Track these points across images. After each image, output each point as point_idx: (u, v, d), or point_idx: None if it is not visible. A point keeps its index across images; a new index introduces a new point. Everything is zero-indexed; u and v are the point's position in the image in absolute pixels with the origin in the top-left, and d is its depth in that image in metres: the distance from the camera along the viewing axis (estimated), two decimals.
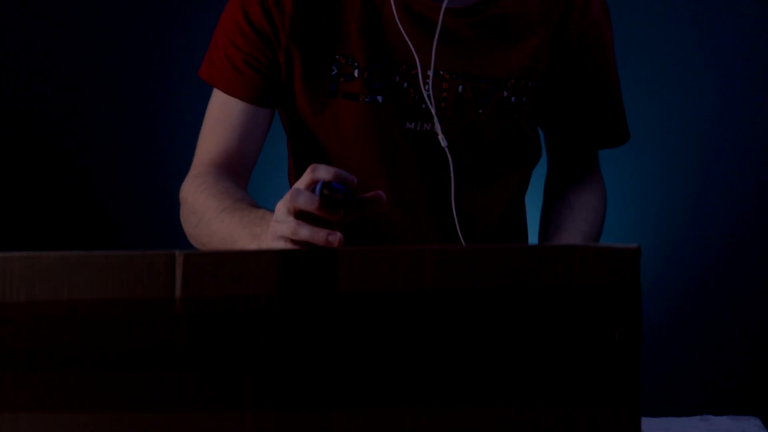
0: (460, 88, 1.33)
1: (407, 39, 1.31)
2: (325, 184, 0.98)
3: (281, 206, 1.04)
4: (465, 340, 0.84)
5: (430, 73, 1.32)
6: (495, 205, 1.42)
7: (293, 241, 1.02)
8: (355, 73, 1.33)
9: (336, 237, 1.00)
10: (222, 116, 1.36)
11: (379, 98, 1.34)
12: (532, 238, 1.57)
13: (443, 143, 1.33)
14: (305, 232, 1.01)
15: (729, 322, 2.55)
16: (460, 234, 1.37)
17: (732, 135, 2.60)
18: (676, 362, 2.57)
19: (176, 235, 1.41)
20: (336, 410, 0.84)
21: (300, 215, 1.02)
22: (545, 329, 0.84)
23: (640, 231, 2.60)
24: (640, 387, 0.83)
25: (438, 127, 1.33)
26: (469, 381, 0.84)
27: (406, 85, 1.33)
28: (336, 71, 1.33)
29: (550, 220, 1.45)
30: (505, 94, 1.35)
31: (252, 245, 1.12)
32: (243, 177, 1.37)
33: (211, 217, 1.22)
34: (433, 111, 1.32)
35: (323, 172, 1.01)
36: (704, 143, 2.60)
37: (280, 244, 1.04)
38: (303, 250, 0.86)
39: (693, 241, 2.58)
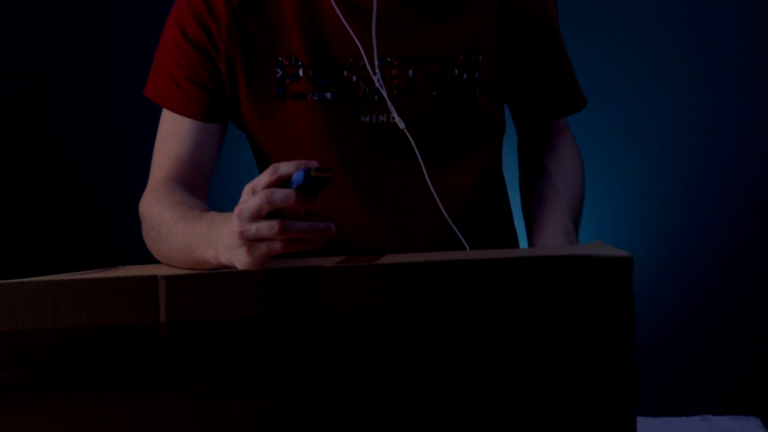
0: (410, 72, 1.31)
1: (350, 30, 1.29)
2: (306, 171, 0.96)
3: (247, 209, 1.00)
4: (455, 357, 0.83)
5: (377, 62, 1.31)
6: (463, 183, 1.38)
7: (273, 244, 0.99)
8: (300, 72, 1.31)
9: (331, 224, 0.98)
10: (171, 133, 1.36)
11: (328, 95, 1.31)
12: (515, 207, 1.55)
13: (401, 125, 1.32)
14: (296, 226, 0.98)
15: (729, 322, 2.54)
16: (443, 210, 1.35)
17: (730, 137, 2.59)
18: (676, 362, 2.56)
19: None
20: (326, 430, 0.83)
21: (272, 216, 0.99)
22: (537, 342, 0.82)
23: (640, 230, 2.59)
24: (635, 398, 0.81)
25: (394, 112, 1.31)
26: (460, 399, 0.82)
27: (355, 78, 1.31)
28: (281, 73, 1.31)
29: (532, 195, 1.41)
30: (456, 71, 1.32)
31: (210, 252, 1.10)
32: (199, 188, 1.37)
33: (168, 230, 1.21)
34: (386, 97, 1.31)
35: (289, 167, 0.99)
36: (702, 145, 2.59)
37: (260, 250, 0.99)
38: (287, 269, 0.85)
39: (694, 240, 2.57)
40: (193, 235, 1.15)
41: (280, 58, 1.31)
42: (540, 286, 0.82)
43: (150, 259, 1.29)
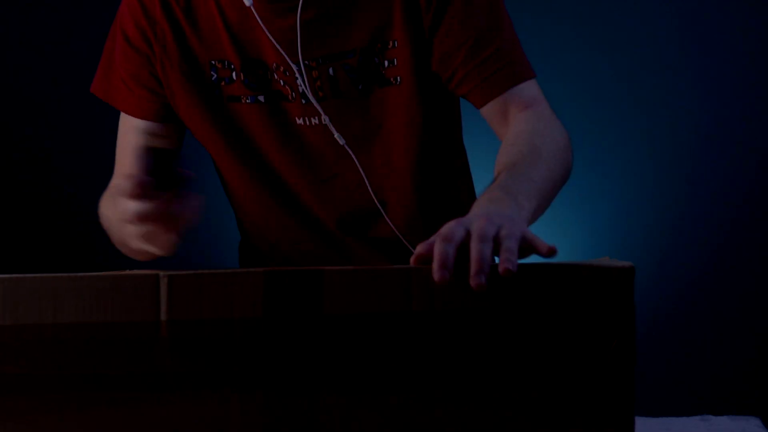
0: (331, 70, 1.30)
1: (270, 37, 1.28)
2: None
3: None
4: (454, 363, 0.83)
5: (295, 66, 1.29)
6: (405, 180, 1.36)
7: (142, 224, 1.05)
8: (233, 75, 1.32)
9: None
10: (127, 132, 1.39)
11: (261, 98, 1.32)
12: None
13: (341, 141, 1.32)
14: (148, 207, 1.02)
15: (729, 322, 2.54)
16: (388, 220, 1.35)
17: (723, 137, 2.59)
18: (676, 362, 2.56)
19: None
20: None
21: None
22: (537, 349, 0.83)
23: (639, 229, 2.59)
24: (634, 407, 0.82)
25: (331, 127, 1.31)
26: (459, 405, 0.83)
27: (282, 82, 1.31)
28: (215, 76, 1.32)
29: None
30: (376, 60, 1.30)
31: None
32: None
33: (115, 224, 1.23)
34: (321, 111, 1.31)
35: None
36: (695, 145, 2.59)
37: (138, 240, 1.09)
38: (288, 270, 0.85)
39: (694, 240, 2.57)
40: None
41: (213, 62, 1.32)
42: (541, 294, 0.82)
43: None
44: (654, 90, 2.59)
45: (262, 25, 1.28)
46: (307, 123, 1.32)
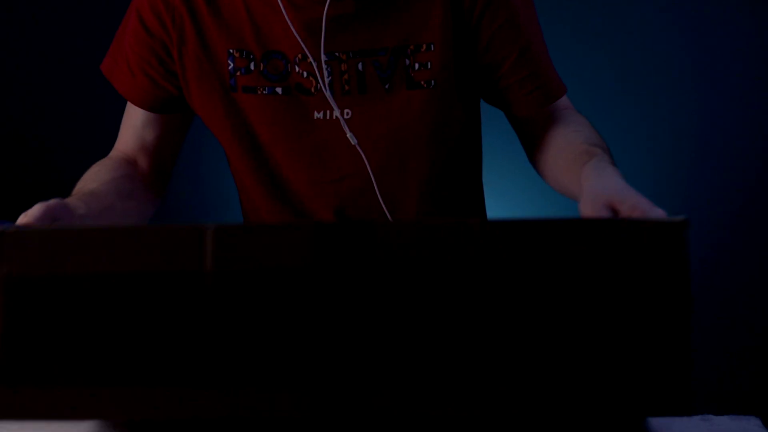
0: (360, 65, 1.29)
1: (292, 28, 1.28)
2: None
3: None
4: (499, 316, 0.82)
5: (324, 57, 1.28)
6: (419, 184, 1.36)
7: None
8: (251, 66, 1.31)
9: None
10: (129, 111, 1.40)
11: (279, 90, 1.31)
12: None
13: (353, 141, 1.30)
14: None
15: (729, 322, 2.55)
16: (385, 210, 1.34)
17: (722, 137, 2.60)
18: None
19: None
20: (373, 389, 0.82)
21: None
22: (591, 306, 0.82)
23: None
24: (692, 363, 0.81)
25: (345, 126, 1.30)
26: (510, 353, 0.82)
27: (305, 74, 1.30)
28: (232, 65, 1.31)
29: (554, 164, 1.34)
30: (408, 62, 1.29)
31: None
32: (153, 168, 1.39)
33: None
34: (334, 107, 1.30)
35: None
36: (693, 146, 2.61)
37: None
38: (336, 222, 0.85)
39: (693, 240, 2.58)
40: None
41: (231, 51, 1.31)
42: (593, 249, 0.82)
43: None
44: (654, 90, 2.60)
45: (285, 15, 1.28)
46: (327, 117, 1.31)
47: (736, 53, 2.58)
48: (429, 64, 1.29)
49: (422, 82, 1.30)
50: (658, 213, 0.94)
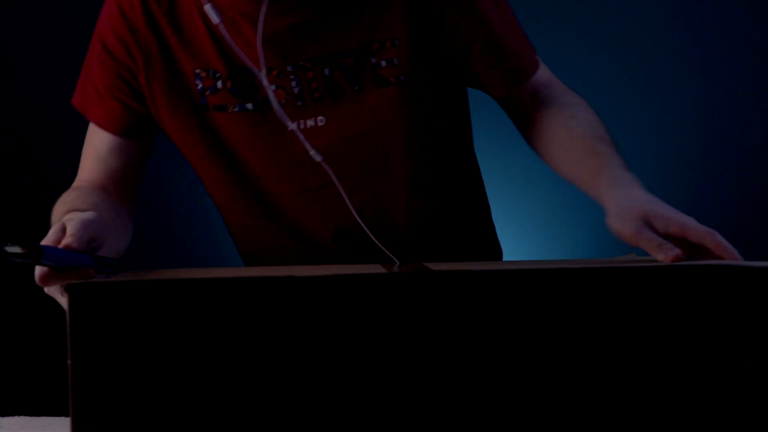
0: (326, 71, 1.27)
1: (260, 45, 1.26)
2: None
3: None
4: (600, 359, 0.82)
5: (290, 68, 1.27)
6: (405, 181, 1.33)
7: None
8: (218, 84, 1.29)
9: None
10: (92, 141, 1.37)
11: (249, 106, 1.29)
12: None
13: (317, 158, 1.29)
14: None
15: None
16: (370, 235, 1.33)
17: (726, 136, 2.59)
18: None
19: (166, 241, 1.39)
20: None
21: None
22: (680, 347, 0.83)
23: None
24: None
25: (307, 145, 1.29)
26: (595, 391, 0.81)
27: (275, 86, 1.28)
28: (201, 85, 1.30)
29: (558, 146, 1.33)
30: (374, 60, 1.27)
31: None
32: (120, 197, 1.36)
33: None
34: (292, 126, 1.28)
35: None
36: (697, 144, 2.60)
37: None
38: None
39: None
40: None
41: (197, 71, 1.30)
42: (689, 294, 0.83)
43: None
44: (658, 90, 2.59)
45: (224, 32, 1.27)
46: (301, 126, 1.29)
47: (744, 52, 2.57)
48: (396, 60, 1.28)
49: (391, 79, 1.28)
50: (690, 222, 0.99)
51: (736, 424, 0.83)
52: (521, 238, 2.57)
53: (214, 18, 1.27)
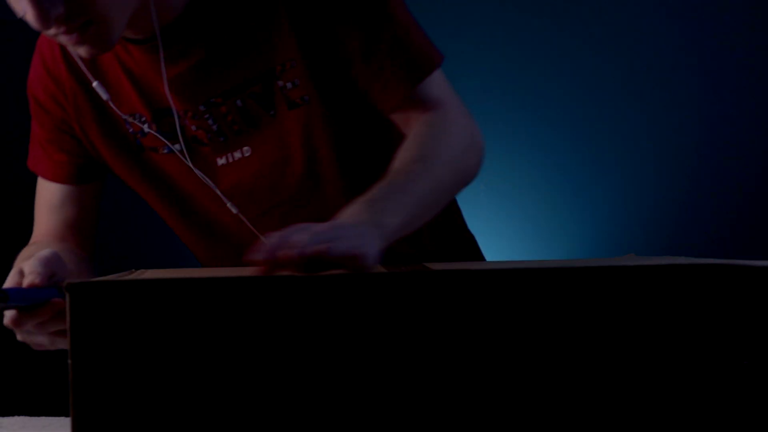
0: (239, 102, 1.27)
1: (167, 88, 1.26)
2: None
3: None
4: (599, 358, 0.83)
5: (202, 107, 1.27)
6: (344, 191, 1.29)
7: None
8: (145, 128, 1.30)
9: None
10: (44, 195, 1.38)
11: (177, 147, 1.30)
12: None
13: (234, 210, 1.30)
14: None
15: None
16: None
17: (724, 137, 2.59)
18: None
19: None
20: None
21: None
22: (677, 346, 0.83)
23: (642, 228, 2.59)
24: None
25: (213, 186, 1.29)
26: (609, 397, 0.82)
27: (195, 127, 1.28)
28: (131, 129, 1.31)
29: None
30: (281, 83, 1.26)
31: None
32: (80, 244, 1.37)
33: None
34: (188, 164, 1.29)
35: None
36: (695, 145, 2.60)
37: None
38: None
39: (695, 237, 2.58)
40: None
41: (125, 117, 1.30)
42: (683, 293, 0.83)
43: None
44: (655, 88, 2.59)
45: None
46: (230, 160, 1.29)
47: (740, 54, 2.57)
48: (297, 81, 1.25)
49: (298, 100, 1.26)
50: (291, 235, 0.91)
51: (736, 424, 0.83)
52: (521, 238, 2.57)
53: (103, 95, 1.28)
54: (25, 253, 1.28)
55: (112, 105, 1.28)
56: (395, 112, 1.26)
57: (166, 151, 1.31)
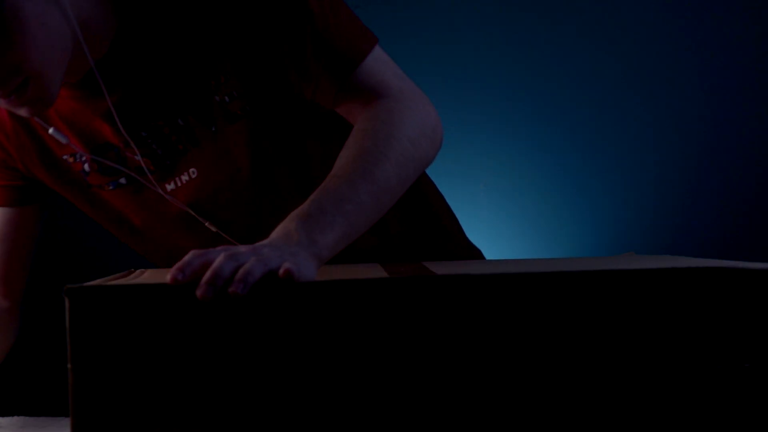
0: (180, 120, 1.22)
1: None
2: None
3: None
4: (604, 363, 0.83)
5: (144, 133, 1.23)
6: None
7: None
8: (86, 167, 1.27)
9: None
10: None
11: (122, 180, 1.27)
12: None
13: (211, 228, 1.26)
14: None
15: None
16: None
17: (726, 136, 2.59)
18: None
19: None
20: None
21: None
22: (680, 349, 0.83)
23: (641, 226, 2.59)
24: None
25: (186, 207, 1.25)
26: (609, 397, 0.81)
27: (137, 156, 1.24)
28: (73, 169, 1.28)
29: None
30: (218, 98, 1.21)
31: None
32: (8, 292, 1.36)
33: None
34: (168, 188, 1.26)
35: None
36: (696, 144, 2.59)
37: None
38: None
39: (695, 236, 2.58)
40: None
41: (65, 157, 1.28)
42: (683, 296, 0.83)
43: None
44: (655, 88, 2.59)
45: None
46: (179, 184, 1.26)
47: (741, 53, 2.57)
48: (234, 92, 1.21)
49: (238, 111, 1.22)
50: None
51: (738, 426, 0.83)
52: (521, 238, 2.57)
53: (62, 139, 1.23)
54: None
55: (75, 147, 1.25)
56: (338, 107, 1.21)
57: (111, 187, 1.28)
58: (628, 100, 2.59)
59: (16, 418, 1.26)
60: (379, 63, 1.20)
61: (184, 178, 1.26)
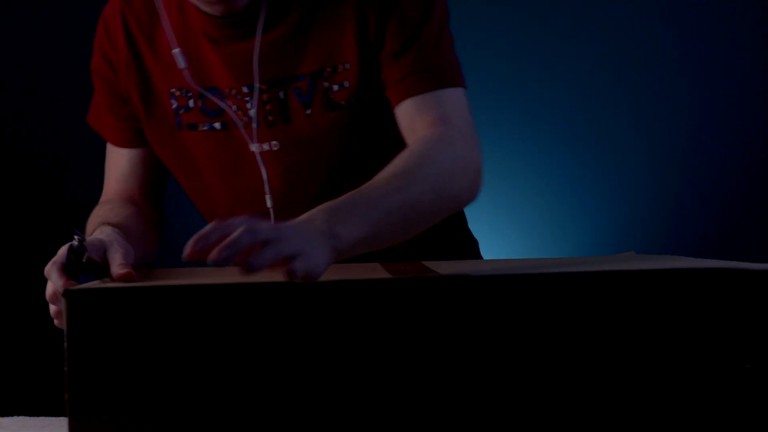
0: (281, 94, 1.28)
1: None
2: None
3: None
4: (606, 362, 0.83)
5: (245, 89, 1.28)
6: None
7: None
8: (191, 103, 1.31)
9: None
10: (111, 152, 1.40)
11: (217, 125, 1.31)
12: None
13: (268, 203, 1.30)
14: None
15: None
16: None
17: (727, 136, 2.59)
18: None
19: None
20: None
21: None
22: (681, 348, 0.84)
23: (639, 226, 2.59)
24: None
25: (255, 146, 1.28)
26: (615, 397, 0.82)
27: (235, 107, 1.29)
28: (175, 104, 1.32)
29: None
30: (326, 84, 1.27)
31: None
32: (146, 203, 1.39)
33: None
34: (253, 147, 1.29)
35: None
36: (693, 146, 2.60)
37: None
38: None
39: (693, 236, 2.58)
40: None
41: (172, 90, 1.32)
42: (686, 296, 0.83)
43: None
44: (655, 88, 2.59)
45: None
46: (261, 149, 1.30)
47: (732, 53, 2.57)
48: (346, 83, 1.27)
49: (342, 102, 1.27)
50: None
51: (739, 426, 0.83)
52: (521, 237, 2.57)
53: (181, 63, 1.29)
54: (96, 212, 1.30)
55: (187, 76, 1.29)
56: (404, 110, 1.25)
57: (206, 128, 1.31)
58: (629, 101, 2.60)
59: (16, 418, 1.26)
60: (456, 100, 1.26)
61: (266, 146, 1.29)
